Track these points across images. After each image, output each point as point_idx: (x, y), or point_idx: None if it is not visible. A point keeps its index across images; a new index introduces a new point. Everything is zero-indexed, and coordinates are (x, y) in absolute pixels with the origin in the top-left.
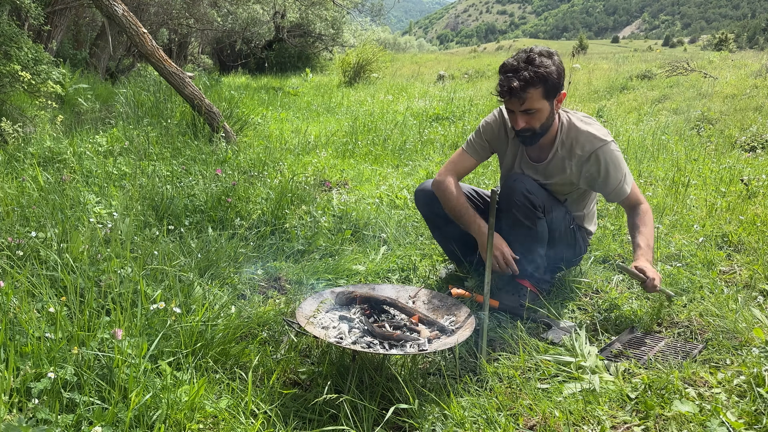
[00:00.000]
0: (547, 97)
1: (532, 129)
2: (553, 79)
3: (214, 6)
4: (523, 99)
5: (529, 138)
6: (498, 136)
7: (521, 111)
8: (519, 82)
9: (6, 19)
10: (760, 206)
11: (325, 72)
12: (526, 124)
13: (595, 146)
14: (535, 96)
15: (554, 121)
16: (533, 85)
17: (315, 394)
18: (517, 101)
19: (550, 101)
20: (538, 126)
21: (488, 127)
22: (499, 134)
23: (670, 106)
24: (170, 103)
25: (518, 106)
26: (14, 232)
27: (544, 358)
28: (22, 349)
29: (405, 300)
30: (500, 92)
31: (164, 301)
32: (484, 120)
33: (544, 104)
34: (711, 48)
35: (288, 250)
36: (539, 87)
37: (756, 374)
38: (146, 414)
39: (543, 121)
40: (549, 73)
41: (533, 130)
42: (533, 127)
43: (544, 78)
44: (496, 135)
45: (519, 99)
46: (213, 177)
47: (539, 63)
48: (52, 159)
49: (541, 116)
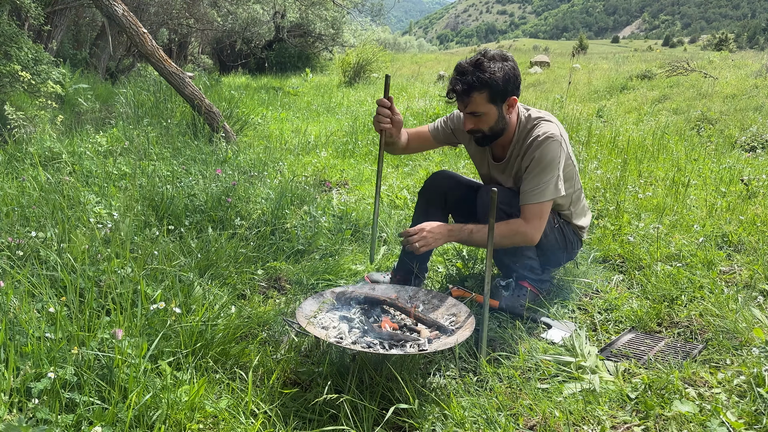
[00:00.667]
0: (493, 102)
1: (481, 131)
2: (498, 84)
3: (214, 6)
4: (467, 102)
5: (480, 139)
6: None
7: (467, 113)
8: (462, 85)
9: (6, 19)
10: (760, 206)
11: (325, 72)
12: (474, 126)
13: (537, 137)
14: (479, 100)
15: (507, 124)
16: (476, 89)
17: (315, 394)
18: (461, 103)
19: (497, 105)
20: (487, 129)
21: (455, 118)
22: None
23: (670, 106)
24: (170, 103)
25: (463, 108)
26: (14, 232)
27: (544, 358)
28: (22, 349)
29: (405, 300)
30: (447, 92)
31: (164, 301)
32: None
33: (490, 108)
34: (711, 48)
35: (288, 250)
36: (483, 92)
37: (756, 374)
38: (146, 414)
39: (491, 125)
40: (494, 79)
41: (482, 132)
42: (481, 129)
43: (487, 83)
44: (461, 129)
45: (463, 102)
46: (213, 177)
47: (486, 67)
48: (52, 159)
49: (489, 119)
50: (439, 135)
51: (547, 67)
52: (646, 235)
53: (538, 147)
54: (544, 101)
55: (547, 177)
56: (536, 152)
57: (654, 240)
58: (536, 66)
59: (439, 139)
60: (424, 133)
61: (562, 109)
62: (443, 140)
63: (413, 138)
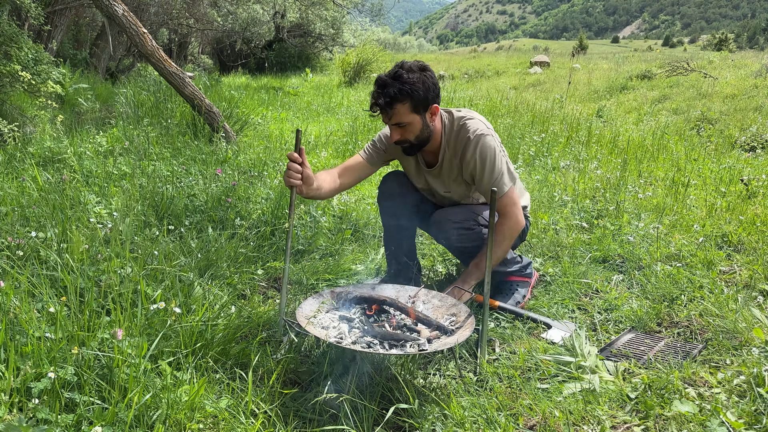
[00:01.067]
0: (416, 111)
1: (408, 141)
2: (419, 94)
3: (214, 6)
4: (391, 114)
5: (408, 149)
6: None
7: (392, 125)
8: (384, 98)
9: (6, 19)
10: (760, 206)
11: (325, 72)
12: (401, 137)
13: (471, 137)
14: (402, 111)
15: (432, 131)
16: (399, 100)
17: (315, 394)
18: (385, 116)
19: (420, 115)
20: (413, 138)
21: (384, 138)
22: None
23: (670, 106)
24: (170, 103)
25: (388, 120)
26: (14, 232)
27: (544, 358)
28: (22, 349)
29: (405, 300)
30: (371, 105)
31: (164, 301)
32: (383, 130)
33: (413, 118)
34: (711, 48)
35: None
36: (406, 102)
37: (756, 374)
38: (146, 414)
39: (417, 134)
40: (415, 89)
41: (409, 142)
42: (408, 139)
43: (409, 94)
44: (393, 144)
45: (387, 114)
46: (213, 177)
47: (406, 79)
48: (52, 159)
49: (413, 129)
50: (373, 159)
51: (547, 67)
52: (646, 235)
53: (476, 147)
54: (544, 101)
55: (497, 168)
56: (476, 153)
57: (654, 240)
58: (536, 66)
59: (375, 163)
60: (358, 162)
61: (562, 109)
62: (379, 162)
63: (346, 172)
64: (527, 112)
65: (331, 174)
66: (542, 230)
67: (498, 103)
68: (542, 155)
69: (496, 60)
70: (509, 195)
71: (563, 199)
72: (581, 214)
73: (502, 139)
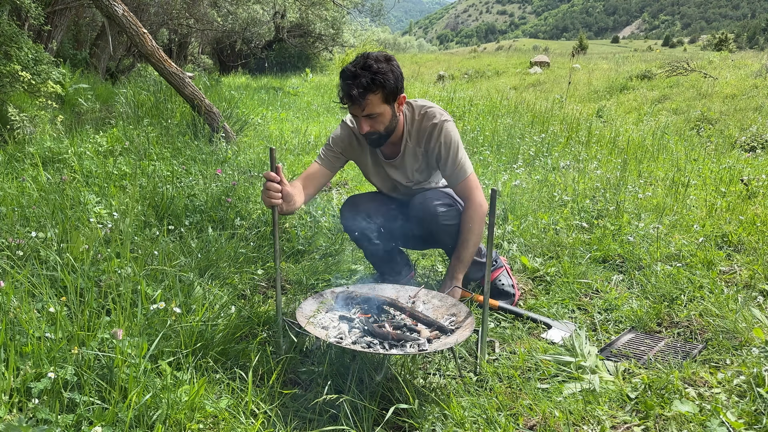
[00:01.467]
0: (387, 101)
1: (377, 132)
2: (391, 83)
3: (214, 6)
4: (364, 105)
5: (376, 140)
6: (351, 145)
7: (364, 116)
8: (357, 89)
9: (6, 19)
10: (760, 206)
11: (325, 72)
12: (371, 128)
13: (436, 122)
14: (375, 101)
15: (399, 121)
16: (371, 90)
17: (315, 394)
18: (358, 107)
19: (390, 105)
20: (383, 129)
21: (338, 140)
22: (351, 143)
23: (670, 106)
24: (170, 103)
25: (360, 111)
26: (14, 232)
27: (544, 358)
28: (22, 349)
29: (405, 300)
30: (341, 98)
31: (164, 301)
32: (334, 133)
33: (384, 108)
34: (711, 48)
35: (288, 250)
36: (378, 92)
37: (756, 374)
38: (146, 414)
39: (386, 124)
40: (386, 79)
41: (378, 133)
42: (377, 130)
43: (382, 84)
44: (348, 145)
45: (359, 105)
46: (213, 177)
47: (376, 69)
48: (52, 159)
49: (384, 119)
50: (331, 164)
51: (547, 67)
52: (646, 235)
53: (441, 131)
54: (544, 101)
55: (460, 153)
56: (441, 137)
57: (654, 240)
58: (536, 66)
59: (334, 167)
60: (317, 171)
61: (562, 109)
62: (337, 165)
63: (309, 182)
64: (527, 112)
65: (297, 187)
66: (542, 230)
67: (498, 103)
68: (542, 155)
69: (496, 60)
70: (472, 179)
71: (563, 199)
72: (581, 214)
73: (502, 139)
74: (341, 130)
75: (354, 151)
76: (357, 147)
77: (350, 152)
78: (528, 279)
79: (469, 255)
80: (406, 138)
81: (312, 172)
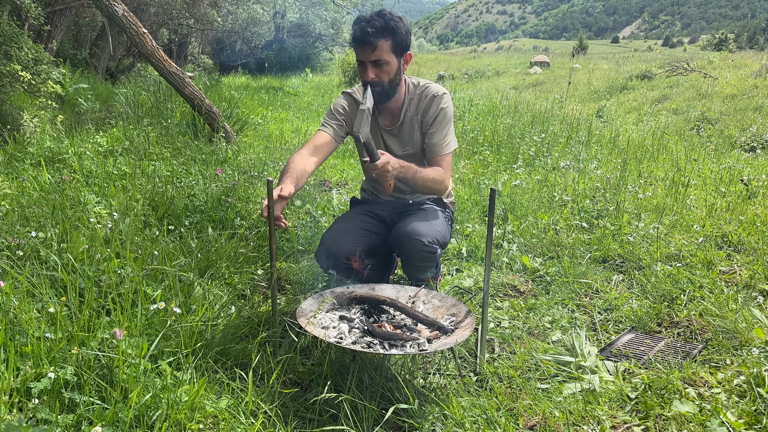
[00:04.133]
0: (395, 52)
1: (381, 83)
2: (402, 34)
3: (214, 6)
4: (374, 47)
5: (378, 94)
6: (353, 112)
7: (372, 61)
8: (371, 28)
9: (6, 19)
10: (760, 206)
11: (325, 72)
12: (375, 77)
13: (435, 94)
14: (385, 47)
15: (401, 82)
16: (383, 35)
17: (315, 394)
18: (369, 48)
19: (397, 57)
20: (387, 80)
21: (339, 108)
22: (353, 111)
23: (670, 106)
24: (170, 103)
25: (369, 55)
26: (14, 232)
27: (544, 358)
28: (22, 349)
29: (405, 300)
30: (354, 38)
31: (164, 301)
32: (335, 102)
33: (392, 58)
34: (711, 48)
35: (288, 250)
36: (389, 39)
37: (756, 374)
38: (146, 414)
39: (391, 77)
40: (398, 28)
41: (382, 85)
42: (382, 81)
43: (394, 31)
44: (351, 112)
45: (371, 46)
46: (213, 177)
47: (390, 18)
48: (52, 159)
49: (390, 70)
50: (336, 133)
51: (547, 68)
52: (646, 235)
53: (441, 100)
54: (544, 101)
55: (450, 128)
56: (441, 105)
57: (654, 240)
58: (536, 66)
59: (339, 136)
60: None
61: (562, 109)
62: (341, 135)
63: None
64: (527, 112)
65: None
66: (542, 230)
67: (498, 103)
68: (542, 155)
69: (496, 60)
70: (449, 159)
71: (563, 199)
72: (581, 214)
73: (502, 139)
74: (343, 99)
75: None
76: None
77: (351, 119)
78: (528, 279)
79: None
80: (406, 107)
81: (321, 142)
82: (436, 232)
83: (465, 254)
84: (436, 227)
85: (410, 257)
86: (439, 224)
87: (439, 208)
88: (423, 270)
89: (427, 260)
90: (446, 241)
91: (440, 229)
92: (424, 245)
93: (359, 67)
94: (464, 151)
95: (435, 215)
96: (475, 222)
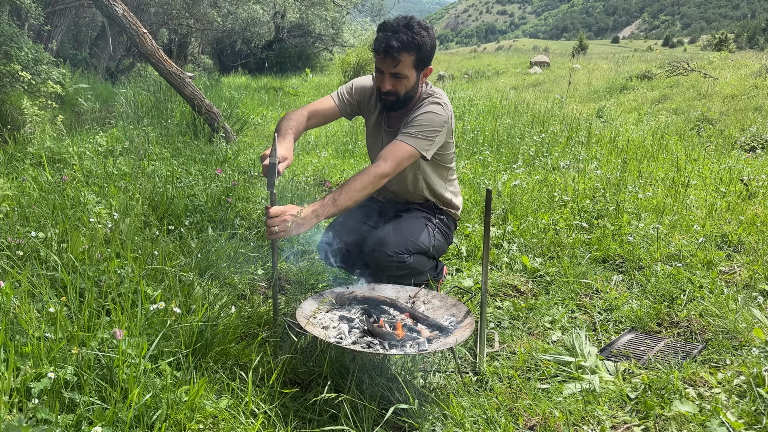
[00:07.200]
0: (416, 67)
1: (397, 94)
2: (426, 50)
3: (214, 6)
4: (397, 61)
5: (391, 103)
6: (368, 101)
7: (391, 73)
8: (397, 42)
9: (6, 19)
10: (760, 206)
11: (325, 72)
12: (392, 87)
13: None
14: (408, 62)
15: (417, 93)
16: (408, 50)
17: (315, 394)
18: (390, 61)
19: (418, 72)
20: (403, 92)
21: (360, 89)
22: (369, 100)
23: (670, 106)
24: (170, 103)
25: (390, 67)
26: (14, 232)
27: (544, 358)
28: (22, 349)
29: (405, 300)
30: (377, 48)
31: (164, 301)
32: (359, 80)
33: (412, 73)
34: (711, 48)
35: (288, 250)
36: (412, 54)
37: (756, 374)
38: (146, 414)
39: (408, 89)
40: (424, 44)
41: (397, 95)
42: (398, 91)
43: (419, 47)
44: (368, 98)
45: (393, 59)
46: (213, 177)
47: (417, 31)
48: (52, 159)
49: (408, 84)
50: (345, 107)
51: (547, 68)
52: (646, 235)
53: (428, 104)
54: (544, 101)
55: (424, 129)
56: (429, 108)
57: (654, 240)
58: (536, 66)
59: (345, 111)
60: (330, 107)
61: (562, 110)
62: (348, 112)
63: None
64: (527, 112)
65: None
66: (542, 230)
67: (498, 103)
68: (542, 155)
69: (496, 60)
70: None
71: (563, 199)
72: (581, 214)
73: (502, 139)
74: (366, 82)
75: (367, 106)
76: (372, 104)
77: (364, 105)
78: (528, 279)
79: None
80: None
81: (323, 108)
82: (406, 240)
83: (465, 254)
84: (407, 236)
85: (377, 268)
86: (415, 232)
87: (425, 214)
88: (401, 278)
89: (398, 269)
90: (423, 248)
91: (413, 237)
92: (387, 255)
93: (377, 73)
94: (464, 151)
95: (415, 223)
96: (475, 222)
